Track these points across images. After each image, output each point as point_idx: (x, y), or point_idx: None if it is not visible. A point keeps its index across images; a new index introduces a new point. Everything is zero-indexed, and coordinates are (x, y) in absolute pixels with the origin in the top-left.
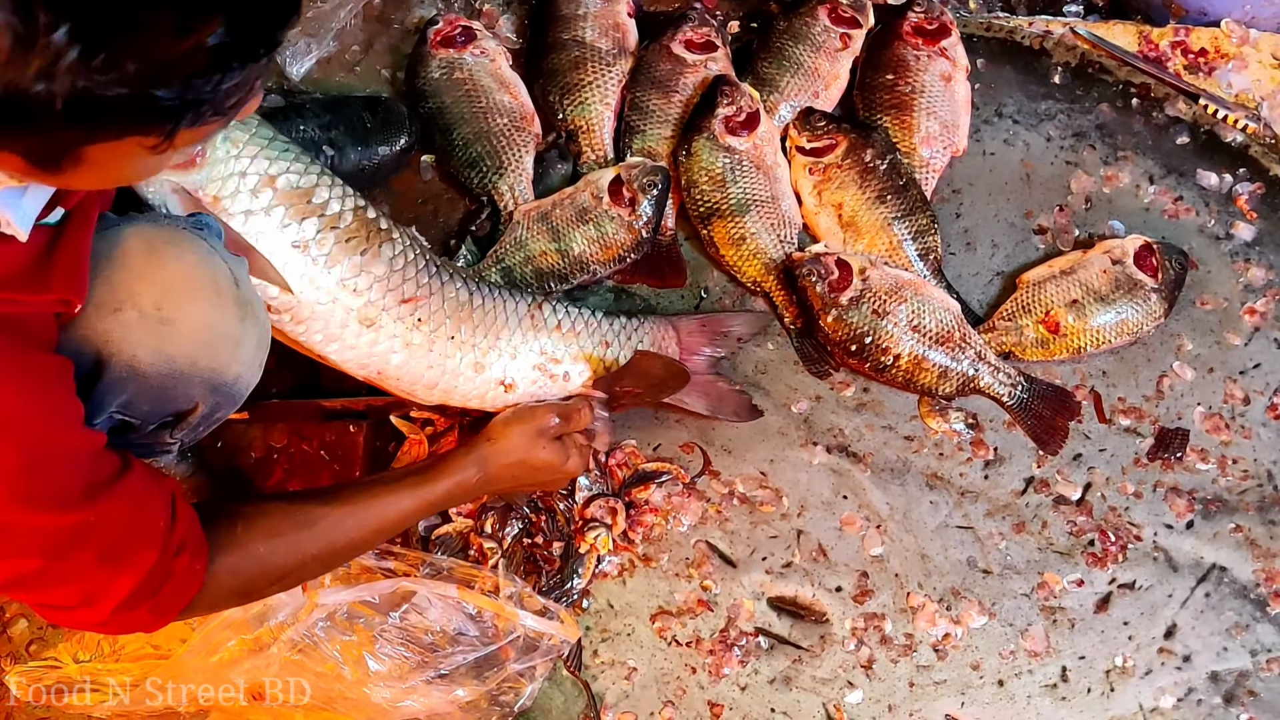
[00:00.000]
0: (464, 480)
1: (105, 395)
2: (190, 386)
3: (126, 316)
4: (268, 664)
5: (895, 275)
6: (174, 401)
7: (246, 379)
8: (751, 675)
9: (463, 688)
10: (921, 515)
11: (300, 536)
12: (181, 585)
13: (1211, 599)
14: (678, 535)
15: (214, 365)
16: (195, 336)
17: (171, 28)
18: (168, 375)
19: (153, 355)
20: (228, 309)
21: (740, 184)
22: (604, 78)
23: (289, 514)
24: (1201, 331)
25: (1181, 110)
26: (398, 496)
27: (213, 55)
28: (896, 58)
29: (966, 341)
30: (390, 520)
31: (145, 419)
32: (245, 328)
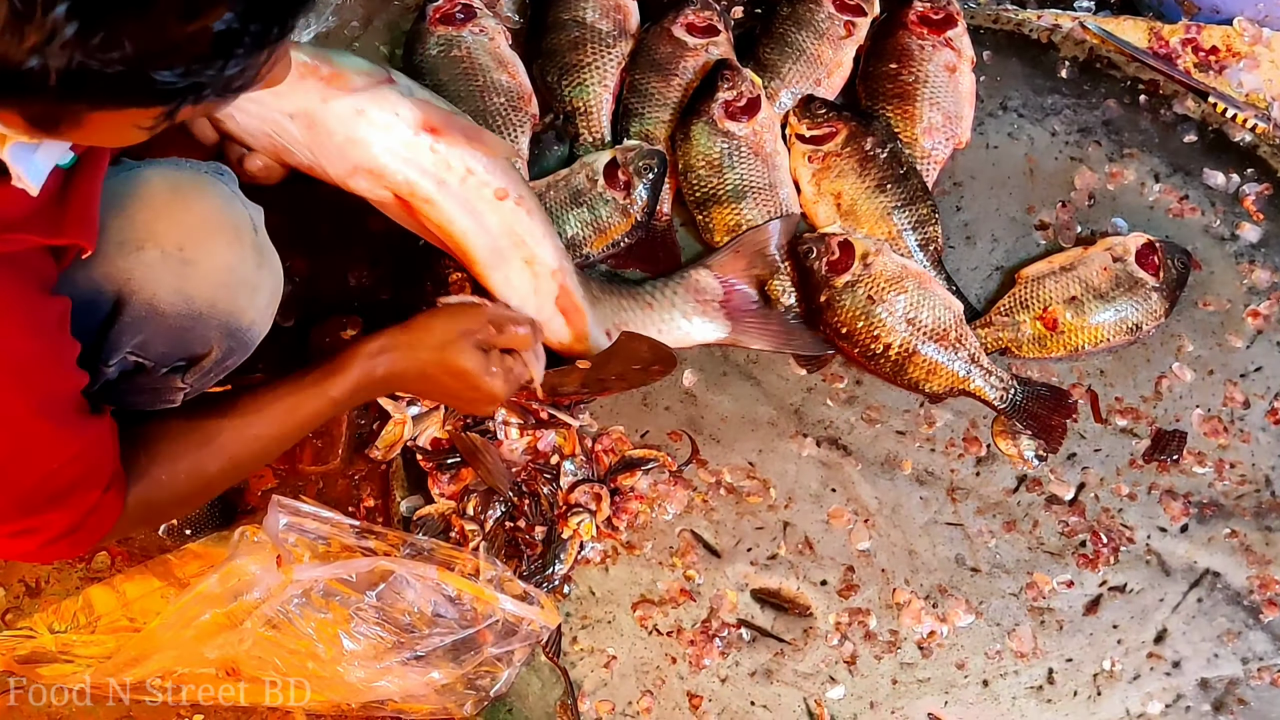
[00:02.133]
0: (369, 373)
1: (122, 334)
2: (207, 329)
3: (148, 255)
4: (241, 639)
5: (901, 265)
6: (190, 344)
7: (259, 327)
8: (732, 667)
9: (439, 670)
10: (911, 511)
11: (201, 455)
12: (103, 518)
13: (1204, 604)
14: (662, 523)
15: (232, 309)
16: (215, 278)
17: (177, 10)
18: (186, 316)
19: (173, 295)
20: (247, 254)
21: (738, 170)
22: (603, 59)
23: (188, 432)
24: (1203, 333)
25: (1190, 108)
26: (300, 397)
27: (218, 40)
28: (901, 47)
29: (962, 342)
30: (295, 424)
31: (159, 361)
32: (262, 275)
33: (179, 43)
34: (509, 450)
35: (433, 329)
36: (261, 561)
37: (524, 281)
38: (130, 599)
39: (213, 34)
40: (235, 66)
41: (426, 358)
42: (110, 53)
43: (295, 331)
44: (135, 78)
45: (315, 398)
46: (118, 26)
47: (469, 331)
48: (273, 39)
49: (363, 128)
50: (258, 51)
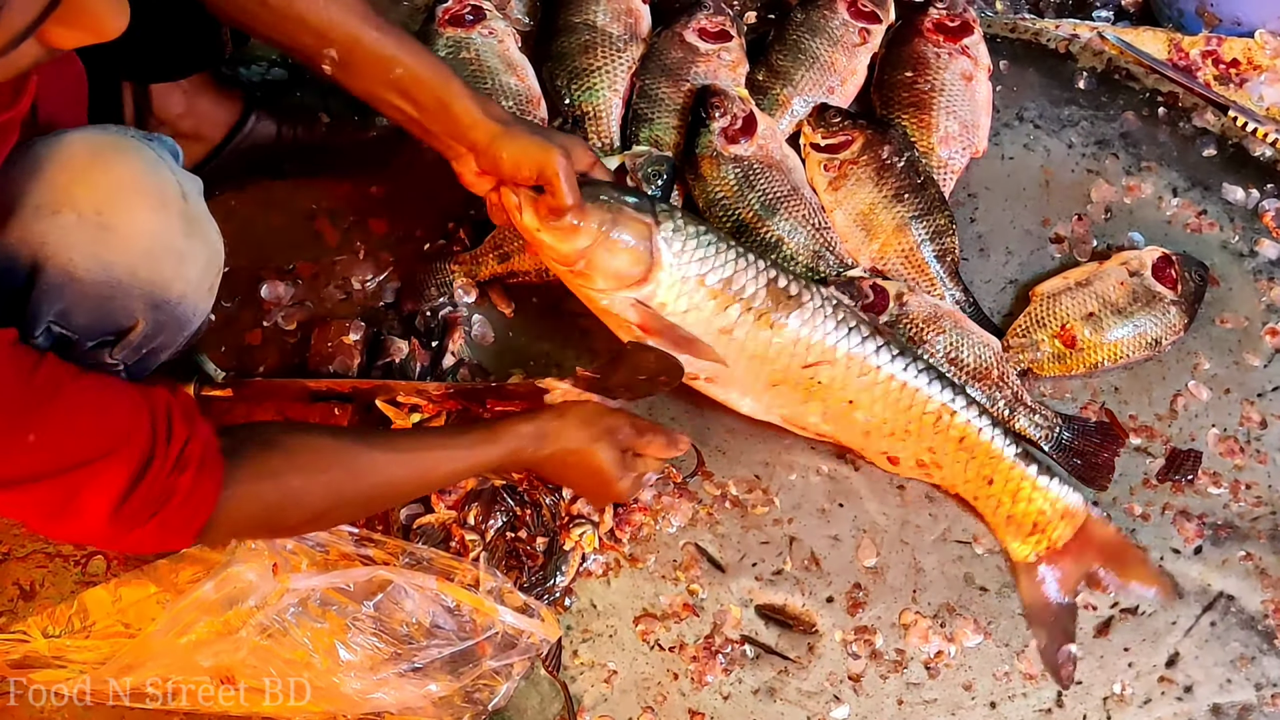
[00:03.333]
0: (520, 450)
1: (41, 303)
2: (129, 299)
3: (65, 219)
4: (236, 648)
5: (933, 304)
6: (113, 315)
7: (192, 301)
8: (735, 684)
9: (436, 683)
10: (919, 527)
11: (343, 478)
12: (189, 505)
13: (1217, 628)
14: (666, 536)
15: (155, 279)
16: (136, 245)
17: None
18: (105, 284)
19: (90, 261)
20: (173, 221)
21: (759, 188)
22: (614, 64)
23: (334, 452)
24: (1220, 351)
25: (1210, 122)
26: (451, 452)
27: None
28: (916, 54)
29: (1005, 381)
30: (438, 475)
31: (83, 333)
32: (192, 244)
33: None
34: None
35: (583, 423)
36: (258, 568)
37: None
38: (125, 604)
39: None
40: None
41: (574, 449)
42: None
43: (298, 334)
44: None
45: (463, 459)
46: None
47: (615, 432)
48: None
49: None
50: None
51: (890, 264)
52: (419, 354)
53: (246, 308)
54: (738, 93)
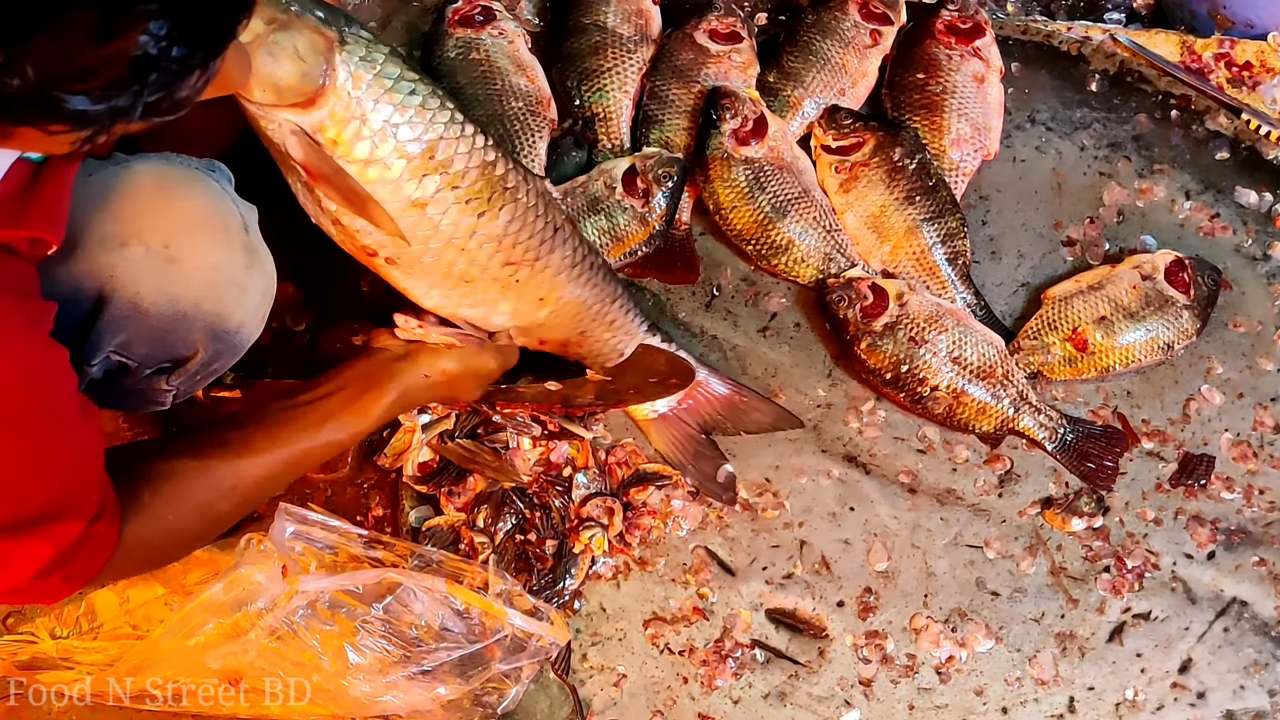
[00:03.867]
0: (386, 414)
1: (104, 333)
2: (192, 330)
3: (132, 252)
4: (245, 650)
5: (935, 303)
6: (174, 345)
7: (249, 329)
8: (745, 689)
9: (445, 686)
10: (931, 531)
11: (212, 496)
12: (93, 554)
13: (1230, 634)
14: (676, 539)
15: (218, 310)
16: (201, 278)
17: (89, 32)
18: (170, 316)
19: (156, 294)
20: (236, 254)
21: (770, 189)
22: (624, 65)
23: (198, 473)
24: (1233, 355)
25: (1223, 124)
26: (315, 438)
27: (136, 65)
28: (928, 56)
29: (1009, 379)
30: (304, 464)
31: (143, 361)
32: (252, 275)
33: (91, 67)
34: (522, 460)
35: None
36: (267, 571)
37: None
38: (133, 605)
39: (129, 58)
40: (156, 92)
41: (441, 396)
42: (11, 77)
43: (306, 335)
44: (44, 101)
45: (330, 436)
46: (19, 49)
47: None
48: (199, 62)
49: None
50: (183, 76)
51: (902, 266)
52: None
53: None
54: (748, 94)
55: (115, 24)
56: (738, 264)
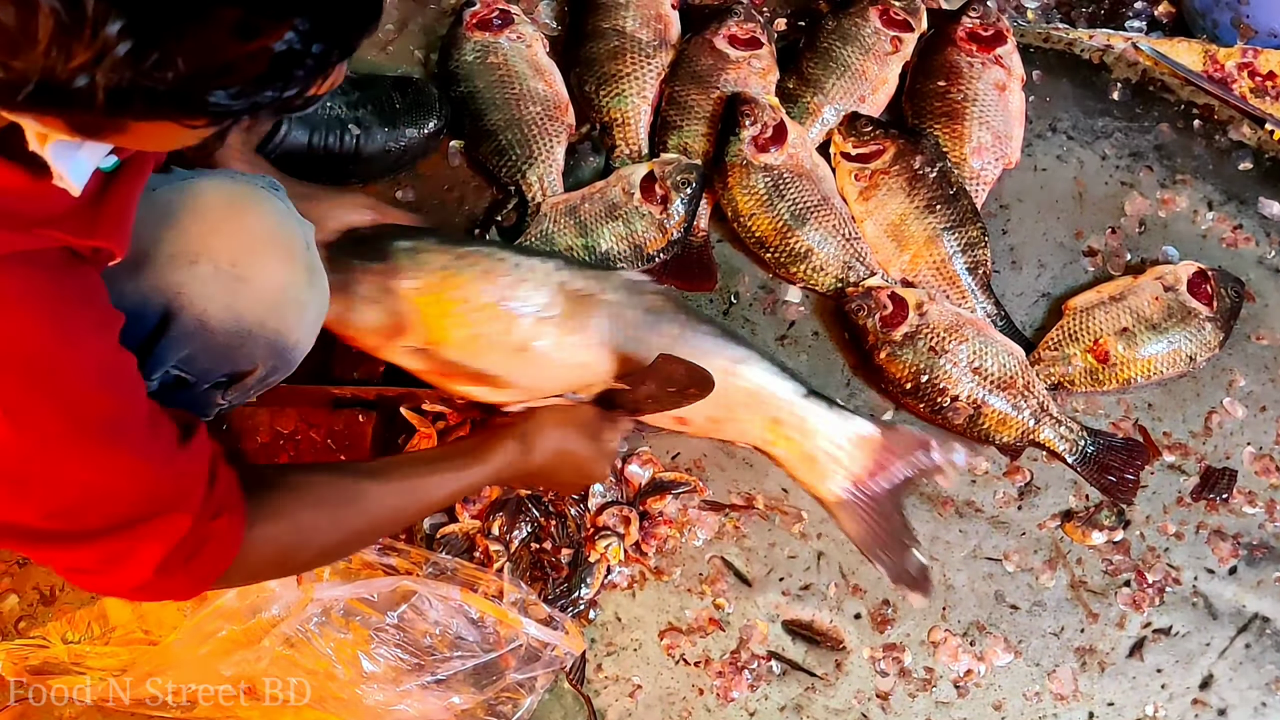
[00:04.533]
0: (510, 463)
1: (168, 349)
2: (255, 347)
3: (201, 270)
4: (258, 658)
5: (955, 313)
6: (235, 361)
7: (304, 346)
8: (761, 701)
9: (459, 695)
10: (949, 543)
11: (345, 511)
12: (218, 550)
13: (1252, 650)
14: (692, 549)
15: (280, 328)
16: (267, 297)
17: (235, 28)
18: (235, 334)
19: (223, 312)
20: (299, 273)
21: (789, 197)
22: (643, 70)
23: (335, 486)
24: (1256, 368)
25: (1246, 135)
26: (443, 476)
27: (277, 61)
28: (949, 64)
29: (1030, 390)
30: (435, 499)
31: (202, 377)
32: (312, 294)
33: (235, 63)
34: None
35: (556, 422)
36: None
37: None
38: (146, 610)
39: (272, 54)
40: (294, 88)
41: (556, 447)
42: (164, 72)
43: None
44: (188, 96)
45: (456, 480)
46: (173, 46)
47: (588, 424)
48: (334, 60)
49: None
50: (321, 72)
51: (921, 276)
52: None
53: None
54: (768, 101)
55: (259, 21)
56: (756, 272)
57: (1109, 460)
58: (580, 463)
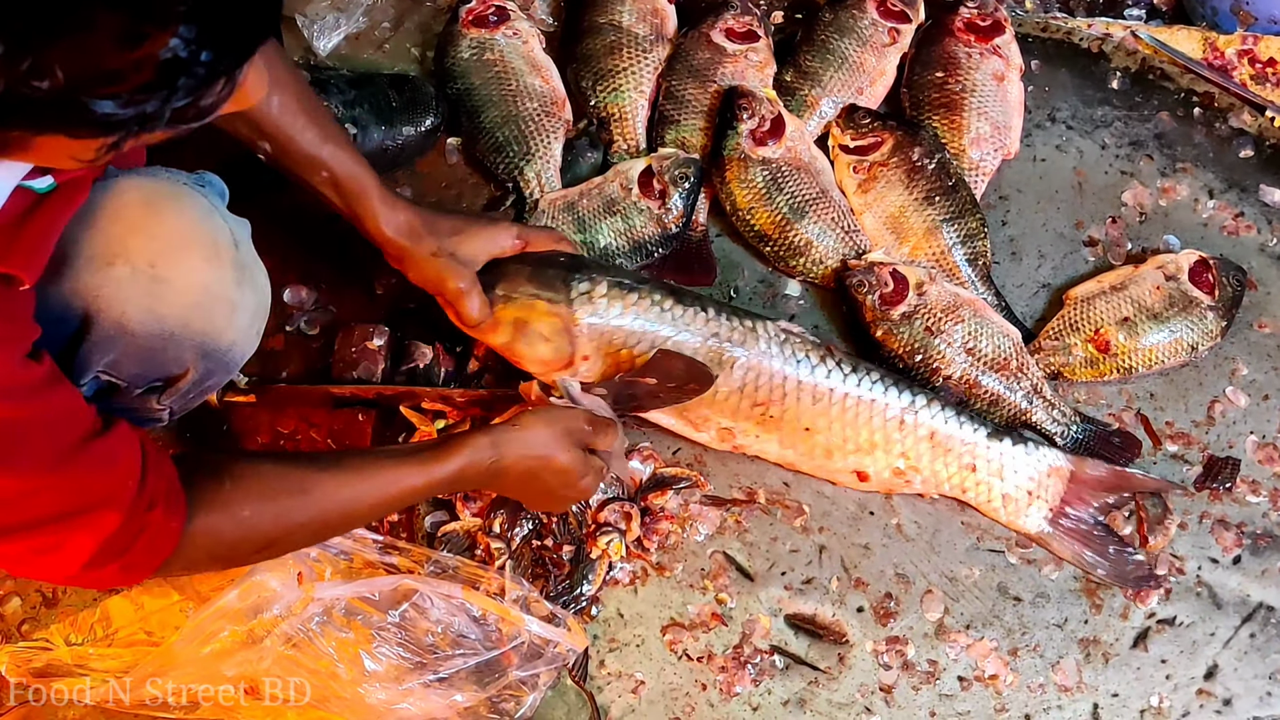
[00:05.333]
0: (476, 464)
1: (91, 354)
2: (181, 350)
3: (118, 272)
4: (261, 658)
5: (954, 293)
6: (163, 365)
7: (241, 347)
8: (764, 695)
9: (462, 693)
10: (952, 536)
11: (292, 503)
12: (154, 543)
13: (1256, 640)
14: (694, 544)
15: (207, 329)
16: (189, 297)
17: (117, 35)
18: (157, 336)
19: (143, 314)
20: (225, 271)
21: (787, 190)
22: (639, 64)
23: (283, 476)
24: (1258, 356)
25: (1246, 122)
26: (402, 472)
27: (164, 69)
28: (947, 55)
29: (1024, 372)
30: (391, 496)
31: (132, 381)
32: (243, 292)
33: (119, 70)
34: None
35: (537, 427)
36: (282, 577)
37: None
38: (148, 612)
39: (158, 62)
40: (184, 98)
41: (534, 455)
42: (40, 80)
43: (321, 339)
44: (70, 106)
45: (417, 476)
46: (47, 52)
47: (573, 432)
48: (227, 67)
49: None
50: (210, 82)
51: None
52: (443, 360)
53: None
54: (765, 94)
55: (143, 27)
56: (755, 266)
57: (1100, 449)
58: (560, 473)
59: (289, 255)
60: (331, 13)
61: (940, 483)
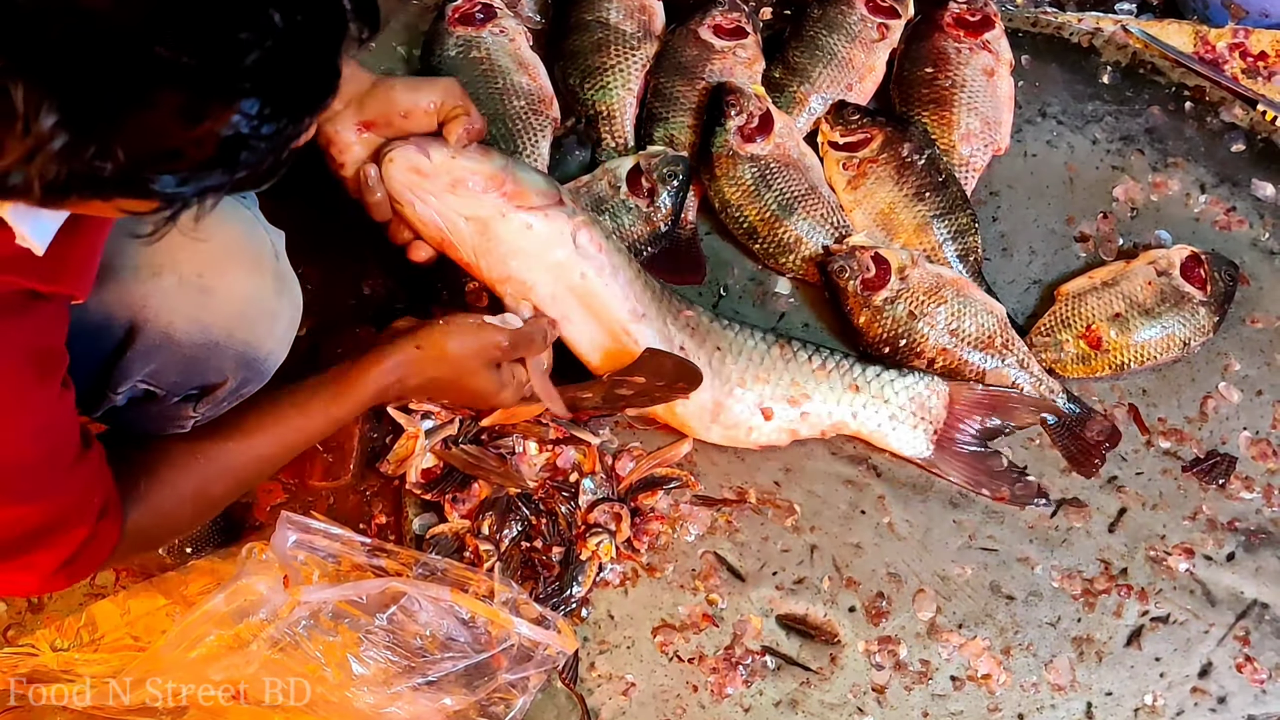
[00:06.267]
0: (383, 390)
1: (134, 362)
2: (223, 359)
3: (165, 282)
4: (247, 662)
5: (937, 274)
6: (204, 374)
7: (276, 356)
8: (756, 696)
9: (451, 696)
10: (943, 535)
11: (206, 477)
12: (99, 547)
13: (1251, 637)
14: (684, 545)
15: (249, 339)
16: (234, 308)
17: (178, 112)
18: (202, 345)
19: (189, 324)
20: (267, 282)
21: (776, 187)
22: (627, 62)
23: (191, 454)
24: (1251, 351)
25: (1238, 116)
26: (308, 415)
27: (225, 145)
28: (936, 50)
29: (1009, 348)
30: (302, 440)
31: (171, 390)
32: (282, 303)
33: (180, 149)
34: (528, 466)
35: (448, 346)
36: (269, 581)
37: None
38: (135, 616)
39: (219, 139)
40: (244, 170)
41: (441, 375)
42: (104, 162)
43: (308, 340)
44: (131, 181)
45: (322, 414)
46: (112, 135)
47: (486, 352)
48: (289, 138)
49: (528, 241)
50: (271, 154)
51: None
52: None
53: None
54: (754, 90)
55: (206, 105)
56: (745, 264)
57: (1082, 430)
58: (470, 392)
59: None
60: None
61: (830, 411)
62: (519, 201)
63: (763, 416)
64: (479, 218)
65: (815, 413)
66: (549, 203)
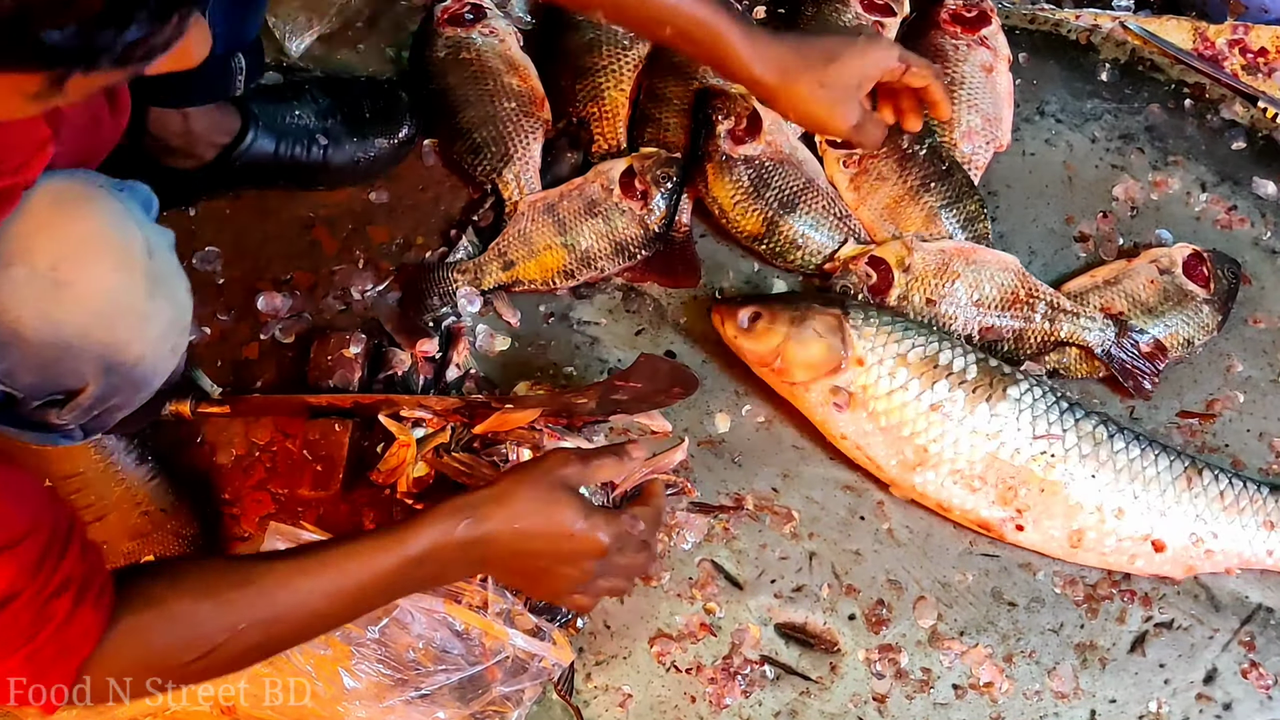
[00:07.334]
0: (448, 533)
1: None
2: (79, 362)
3: (16, 273)
4: (237, 675)
5: (939, 249)
6: (60, 376)
7: (152, 363)
8: (755, 707)
9: (444, 710)
10: (944, 541)
11: (234, 596)
12: (65, 635)
13: (1256, 642)
14: (681, 553)
15: (110, 341)
16: (91, 305)
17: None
18: (54, 345)
19: (39, 320)
20: (135, 281)
21: (774, 185)
22: (620, 63)
23: (224, 570)
24: (1253, 352)
25: (1238, 113)
26: (361, 556)
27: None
28: (934, 47)
29: (1035, 295)
30: (349, 586)
31: (29, 392)
32: (155, 304)
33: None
34: None
35: (521, 485)
36: None
37: None
38: None
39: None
40: (136, 33)
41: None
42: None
43: (296, 347)
44: (16, 34)
45: (381, 557)
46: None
47: (564, 478)
48: (181, 4)
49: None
50: (163, 19)
51: None
52: (422, 366)
53: (243, 320)
54: (735, 90)
55: None
56: (740, 266)
57: (1136, 349)
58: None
59: (261, 260)
60: (303, 13)
61: (1240, 547)
62: (789, 378)
63: (1153, 549)
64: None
65: (1220, 551)
66: (829, 366)
